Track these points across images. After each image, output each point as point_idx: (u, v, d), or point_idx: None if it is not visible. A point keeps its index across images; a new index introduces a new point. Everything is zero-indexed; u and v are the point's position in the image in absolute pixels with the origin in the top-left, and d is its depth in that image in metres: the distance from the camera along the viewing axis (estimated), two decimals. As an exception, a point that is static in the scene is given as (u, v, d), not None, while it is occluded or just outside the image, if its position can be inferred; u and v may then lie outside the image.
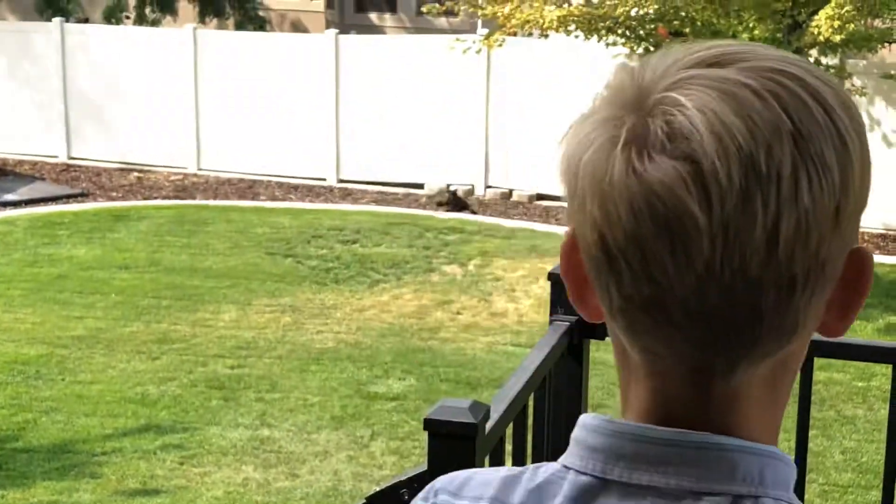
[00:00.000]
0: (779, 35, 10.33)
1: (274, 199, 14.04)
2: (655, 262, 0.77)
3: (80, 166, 15.57)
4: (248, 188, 14.59)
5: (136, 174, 15.28)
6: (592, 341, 2.78)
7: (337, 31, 15.39)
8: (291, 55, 14.94)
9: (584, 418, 0.86)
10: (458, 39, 12.06)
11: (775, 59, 0.80)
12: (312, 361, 8.26)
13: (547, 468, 0.87)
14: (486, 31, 12.27)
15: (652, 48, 10.90)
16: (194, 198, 14.05)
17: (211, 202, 13.68)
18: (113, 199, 14.02)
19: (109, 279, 10.19)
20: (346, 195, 14.31)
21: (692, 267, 0.76)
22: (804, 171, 0.76)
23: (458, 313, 9.42)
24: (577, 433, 0.86)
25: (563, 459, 0.87)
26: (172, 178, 15.11)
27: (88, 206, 13.50)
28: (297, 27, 23.40)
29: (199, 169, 15.31)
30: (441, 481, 0.91)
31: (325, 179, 14.83)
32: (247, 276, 10.33)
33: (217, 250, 11.17)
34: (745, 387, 0.80)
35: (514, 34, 11.93)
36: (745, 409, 0.81)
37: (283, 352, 8.45)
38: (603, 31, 10.66)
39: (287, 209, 13.19)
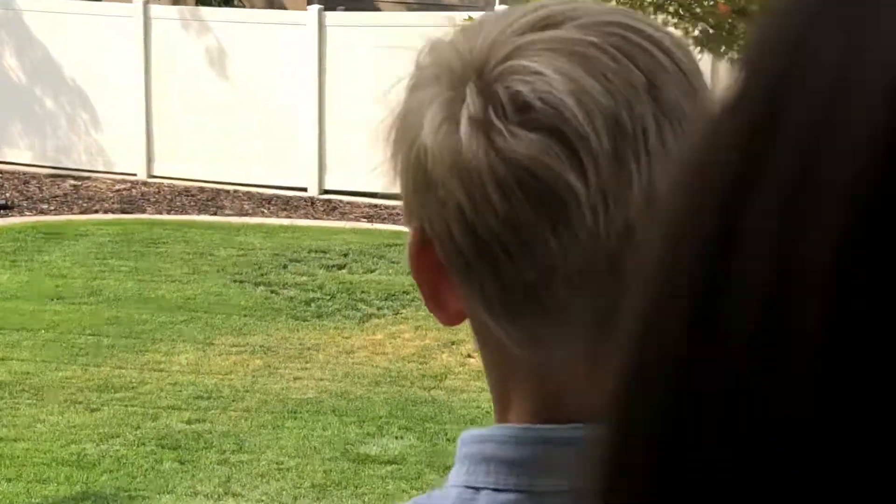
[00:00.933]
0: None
1: (242, 213, 14.06)
2: (536, 242, 0.86)
3: (2, 171, 15.61)
4: (209, 200, 14.61)
5: (72, 181, 15.32)
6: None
7: (321, 6, 15.46)
8: (265, 36, 14.99)
9: (483, 432, 0.94)
10: (470, 19, 12.10)
11: (603, 11, 0.92)
12: (289, 415, 8.25)
13: (442, 494, 0.93)
14: (505, 8, 12.32)
15: (711, 30, 10.93)
16: (144, 211, 14.07)
17: (164, 217, 13.70)
18: (43, 212, 14.05)
19: (38, 312, 10.19)
20: (332, 209, 14.33)
21: (576, 240, 0.86)
22: (666, 121, 0.87)
23: (469, 356, 9.41)
24: (480, 449, 0.92)
25: (460, 481, 0.92)
26: (117, 186, 15.14)
27: (13, 220, 13.52)
28: (273, 2, 23.48)
29: (150, 176, 15.35)
30: None
31: (305, 190, 14.86)
32: (208, 308, 10.33)
33: (172, 276, 11.18)
34: None
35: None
36: None
37: (253, 403, 8.44)
38: (650, 9, 10.70)
39: (258, 226, 13.20)
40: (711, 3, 10.77)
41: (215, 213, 14.02)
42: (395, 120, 0.96)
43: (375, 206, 14.37)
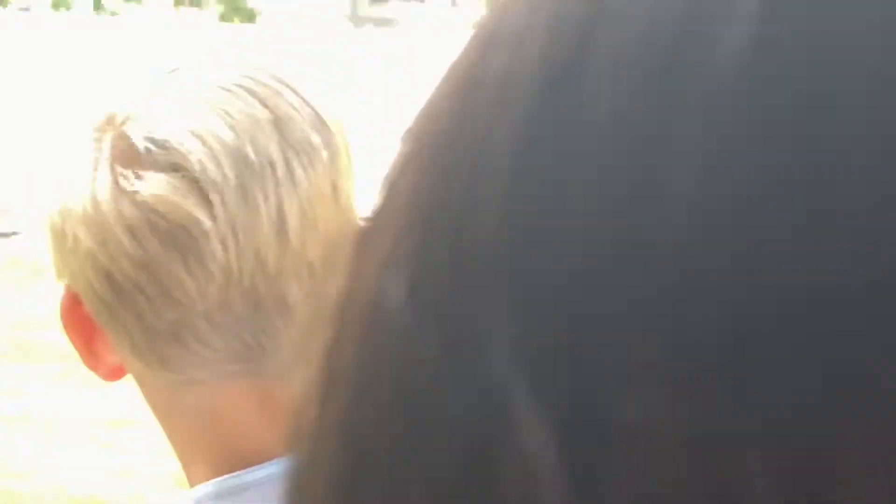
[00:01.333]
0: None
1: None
2: (172, 282, 0.92)
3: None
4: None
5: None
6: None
7: (350, 25, 15.48)
8: (288, 54, 15.08)
9: (207, 488, 0.94)
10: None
11: (233, 58, 1.00)
12: (315, 453, 8.21)
13: None
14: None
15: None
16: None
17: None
18: (56, 237, 14.13)
19: (50, 341, 10.18)
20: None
21: (210, 276, 0.91)
22: (294, 155, 0.94)
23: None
24: None
25: None
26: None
27: (26, 245, 13.57)
28: (298, 21, 23.74)
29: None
30: None
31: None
32: (229, 339, 10.34)
33: (191, 305, 11.20)
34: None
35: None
36: None
37: (277, 440, 8.40)
38: None
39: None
40: None
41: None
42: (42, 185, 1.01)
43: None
